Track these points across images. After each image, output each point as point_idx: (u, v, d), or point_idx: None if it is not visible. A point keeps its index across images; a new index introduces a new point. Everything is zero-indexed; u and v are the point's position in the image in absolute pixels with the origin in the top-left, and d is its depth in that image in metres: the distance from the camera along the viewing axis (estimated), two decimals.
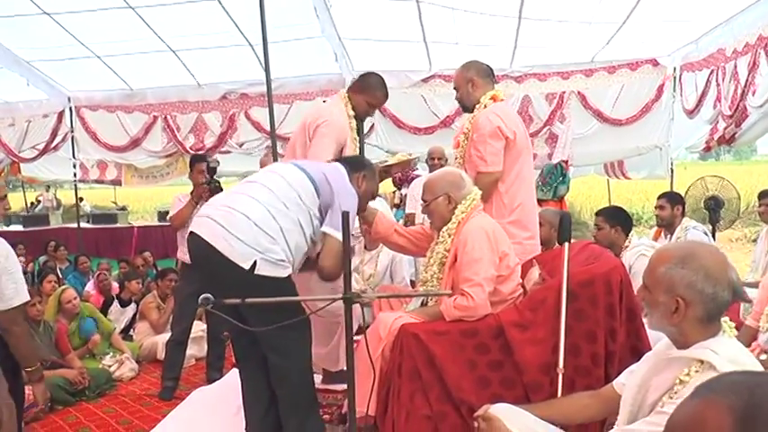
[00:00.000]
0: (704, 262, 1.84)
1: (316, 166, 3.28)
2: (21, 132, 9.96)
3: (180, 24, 7.89)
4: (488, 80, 3.92)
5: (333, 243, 3.04)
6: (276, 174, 3.18)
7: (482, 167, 3.64)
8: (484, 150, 3.66)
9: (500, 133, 3.67)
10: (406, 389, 2.90)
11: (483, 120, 3.72)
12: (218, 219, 3.00)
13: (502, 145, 3.69)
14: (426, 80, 8.67)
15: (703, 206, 6.05)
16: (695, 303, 1.83)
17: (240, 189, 3.20)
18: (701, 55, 7.32)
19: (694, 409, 0.96)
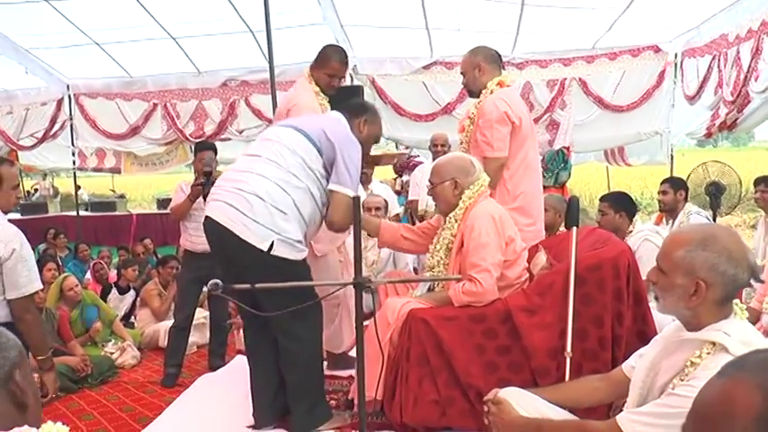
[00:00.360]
0: (726, 244, 1.84)
1: (313, 122, 3.28)
2: (19, 120, 9.92)
3: (180, 11, 7.86)
4: (495, 66, 3.91)
5: (340, 198, 3.11)
6: (276, 142, 3.19)
7: (488, 152, 3.63)
8: (491, 136, 3.65)
9: (507, 119, 3.66)
10: (415, 374, 2.90)
11: (490, 105, 3.70)
12: (232, 202, 3.04)
13: (508, 130, 3.69)
14: (428, 67, 8.64)
15: (704, 192, 6.04)
16: (716, 285, 1.83)
17: (246, 166, 3.20)
18: (703, 41, 7.30)
19: (722, 387, 0.96)
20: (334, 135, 3.19)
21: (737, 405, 0.92)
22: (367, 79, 8.75)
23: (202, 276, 4.57)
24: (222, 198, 3.10)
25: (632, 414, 1.96)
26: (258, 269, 2.92)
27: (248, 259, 3.02)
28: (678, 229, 2.18)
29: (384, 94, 8.76)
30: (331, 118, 3.39)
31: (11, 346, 1.30)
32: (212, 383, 3.94)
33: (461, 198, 3.18)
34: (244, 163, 3.23)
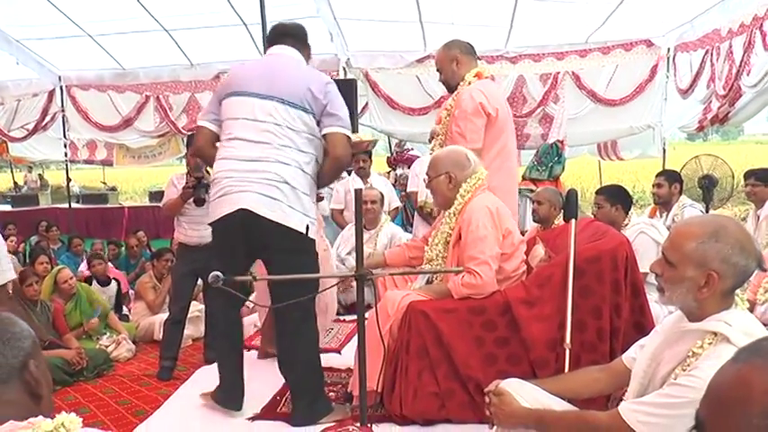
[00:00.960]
0: (737, 235, 1.85)
1: (291, 83, 3.25)
2: (10, 112, 9.87)
3: (173, 3, 7.83)
4: (471, 57, 3.91)
5: (339, 136, 3.25)
6: (273, 124, 3.19)
7: (462, 144, 3.61)
8: (464, 127, 3.65)
9: (482, 110, 3.65)
10: (414, 366, 2.92)
11: (466, 96, 3.70)
12: (266, 192, 3.12)
13: (483, 122, 3.68)
14: (421, 60, 8.64)
15: (697, 185, 6.08)
16: (727, 276, 1.84)
17: (261, 154, 3.18)
18: (696, 35, 7.34)
19: (738, 372, 0.97)
20: (318, 89, 3.25)
21: (754, 390, 0.93)
22: (360, 73, 8.75)
23: (197, 269, 4.58)
24: (253, 189, 3.14)
25: (634, 404, 1.97)
26: (297, 253, 3.16)
27: (289, 245, 3.16)
28: (685, 221, 2.18)
29: (377, 88, 8.76)
30: (302, 69, 3.41)
31: (25, 336, 1.31)
32: (210, 376, 3.93)
33: (459, 192, 3.18)
34: (255, 151, 3.20)
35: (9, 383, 1.25)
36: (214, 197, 3.27)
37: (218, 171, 3.28)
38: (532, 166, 7.76)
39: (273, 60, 3.38)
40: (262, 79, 3.23)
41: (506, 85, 8.56)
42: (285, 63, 3.37)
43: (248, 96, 3.22)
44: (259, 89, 3.22)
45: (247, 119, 3.21)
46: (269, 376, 3.79)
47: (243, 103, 3.23)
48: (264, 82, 3.22)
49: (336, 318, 5.14)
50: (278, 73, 3.27)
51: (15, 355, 1.27)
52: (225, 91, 3.30)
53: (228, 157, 3.24)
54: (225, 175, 3.22)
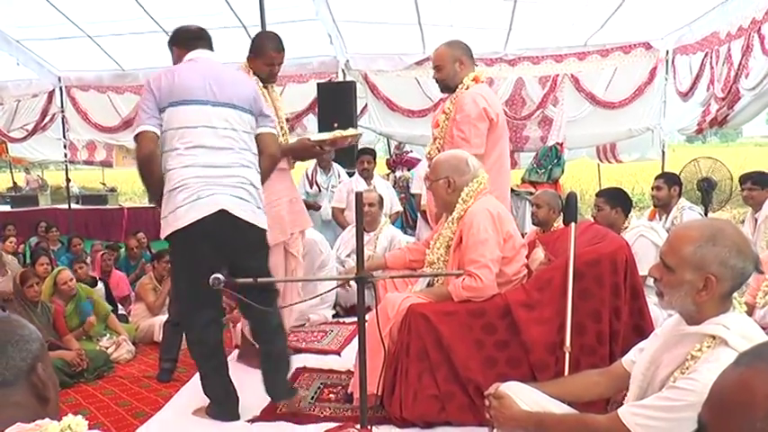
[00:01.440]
0: (734, 238, 1.87)
1: (239, 89, 3.32)
2: (10, 112, 9.89)
3: (173, 4, 7.84)
4: (472, 61, 3.93)
5: (272, 135, 3.47)
6: (231, 129, 3.27)
7: (466, 148, 3.60)
8: (468, 131, 3.66)
9: (485, 115, 3.68)
10: (414, 369, 2.93)
11: (468, 100, 3.70)
12: (243, 196, 3.24)
13: (486, 127, 3.70)
14: (420, 63, 8.65)
15: (696, 187, 6.10)
16: (725, 279, 1.85)
17: (230, 160, 3.27)
18: (694, 38, 7.36)
19: (741, 377, 0.98)
20: (256, 91, 3.48)
21: (757, 394, 0.94)
22: (359, 75, 8.77)
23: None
24: (227, 192, 3.20)
25: (633, 407, 1.98)
26: (261, 250, 3.44)
27: (256, 244, 3.37)
28: (682, 225, 2.19)
29: (377, 90, 8.78)
30: (241, 73, 3.68)
31: (33, 339, 1.31)
32: None
33: (460, 196, 3.19)
34: (220, 157, 3.25)
35: (16, 385, 1.26)
36: (185, 201, 3.20)
37: (185, 177, 3.22)
38: (532, 169, 7.77)
39: (211, 66, 3.36)
40: (210, 86, 3.24)
41: (505, 88, 8.59)
42: (224, 68, 3.42)
43: (202, 104, 3.22)
44: (210, 96, 3.23)
45: (206, 126, 3.22)
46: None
47: (198, 111, 3.21)
48: (214, 89, 3.24)
49: (336, 320, 5.15)
50: (224, 79, 3.30)
51: (23, 357, 1.28)
52: (169, 99, 3.20)
53: (193, 164, 3.21)
54: (195, 181, 3.20)
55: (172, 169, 3.22)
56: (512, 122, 8.59)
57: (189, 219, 3.19)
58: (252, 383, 3.74)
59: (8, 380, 1.24)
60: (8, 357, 1.25)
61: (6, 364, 1.25)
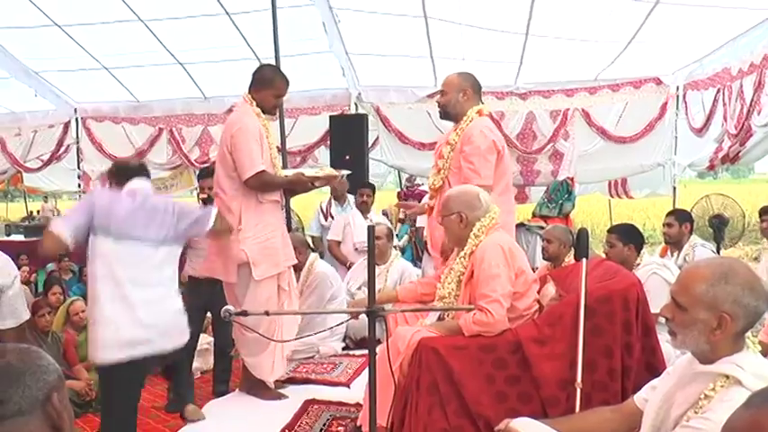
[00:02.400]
0: (746, 276, 1.86)
1: (151, 226, 3.25)
2: (26, 142, 10.01)
3: (188, 37, 7.97)
4: (478, 96, 3.96)
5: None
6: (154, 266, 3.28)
7: (476, 181, 3.64)
8: (478, 164, 3.68)
9: (494, 147, 3.70)
10: (424, 402, 2.91)
11: (477, 132, 3.73)
12: None
13: (495, 159, 3.72)
14: (432, 96, 8.68)
15: (707, 224, 6.08)
16: (739, 318, 1.85)
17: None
18: (705, 74, 7.39)
19: (751, 418, 0.98)
20: (165, 209, 3.43)
21: None
22: (371, 107, 8.83)
23: (206, 302, 4.61)
24: None
25: None
26: None
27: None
28: (693, 264, 2.18)
29: (388, 123, 8.83)
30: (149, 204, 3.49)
31: (51, 370, 1.32)
32: (218, 409, 3.94)
33: (472, 231, 3.20)
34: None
35: (32, 415, 1.27)
36: None
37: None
38: (542, 203, 7.77)
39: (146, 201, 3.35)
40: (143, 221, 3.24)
41: (516, 121, 8.62)
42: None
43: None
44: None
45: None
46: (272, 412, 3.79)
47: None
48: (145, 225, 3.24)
49: (346, 352, 5.14)
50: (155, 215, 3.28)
51: (40, 387, 1.28)
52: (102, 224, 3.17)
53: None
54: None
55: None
56: (523, 156, 8.62)
57: None
58: (257, 413, 3.73)
59: (24, 409, 1.25)
60: (24, 387, 1.26)
61: (23, 393, 1.26)
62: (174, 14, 7.46)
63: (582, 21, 6.90)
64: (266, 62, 8.16)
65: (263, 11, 6.63)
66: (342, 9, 7.32)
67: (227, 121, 4.20)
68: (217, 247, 3.98)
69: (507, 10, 6.90)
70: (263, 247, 3.97)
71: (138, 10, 7.41)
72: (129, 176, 3.34)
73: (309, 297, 5.06)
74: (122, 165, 3.56)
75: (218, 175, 4.03)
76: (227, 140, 3.93)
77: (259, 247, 3.95)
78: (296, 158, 9.17)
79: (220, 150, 4.02)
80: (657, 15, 6.42)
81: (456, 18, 7.07)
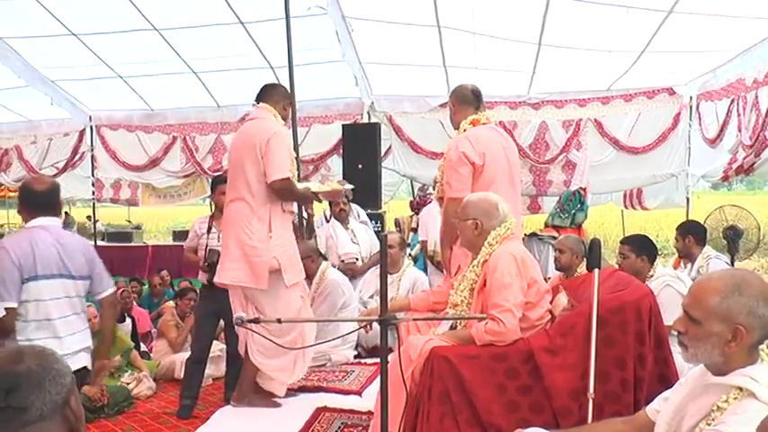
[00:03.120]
0: (760, 288, 1.85)
1: (76, 264, 3.30)
2: (42, 150, 10.11)
3: (203, 46, 8.02)
4: (467, 105, 3.94)
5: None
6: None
7: (449, 193, 3.71)
8: (449, 176, 3.74)
9: (465, 159, 3.71)
10: (436, 411, 2.91)
11: (452, 146, 3.79)
12: None
13: (468, 170, 3.72)
14: (444, 105, 8.69)
15: (722, 236, 6.02)
16: (754, 330, 1.84)
17: None
18: (719, 84, 7.36)
19: None
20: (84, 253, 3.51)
21: None
22: (384, 116, 8.86)
23: (219, 310, 4.64)
24: None
25: None
26: None
27: None
28: (705, 276, 2.17)
29: (401, 132, 8.85)
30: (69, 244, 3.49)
31: (66, 373, 1.34)
32: (230, 416, 3.95)
33: (487, 240, 3.20)
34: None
35: (53, 420, 1.28)
36: None
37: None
38: (555, 213, 7.75)
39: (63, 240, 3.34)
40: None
41: (529, 131, 8.62)
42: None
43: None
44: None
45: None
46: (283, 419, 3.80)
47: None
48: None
49: (357, 360, 5.15)
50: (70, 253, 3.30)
51: (59, 391, 1.30)
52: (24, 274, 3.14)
53: None
54: None
55: None
56: (535, 166, 8.62)
57: None
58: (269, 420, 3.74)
59: (45, 414, 1.27)
60: (46, 392, 1.27)
61: (44, 398, 1.27)
62: (188, 24, 7.52)
63: (595, 31, 6.90)
64: (280, 71, 8.24)
65: (277, 20, 6.67)
66: (355, 18, 7.35)
67: (255, 126, 4.14)
68: (239, 254, 3.99)
69: (520, 19, 6.91)
70: (291, 255, 4.01)
71: (153, 19, 7.47)
72: (37, 208, 3.27)
73: (321, 305, 5.07)
74: (29, 192, 3.32)
75: (247, 180, 3.99)
76: (262, 145, 3.92)
77: (287, 255, 4.00)
78: (308, 167, 9.21)
79: (251, 155, 3.96)
80: (670, 25, 6.41)
81: (469, 27, 7.09)
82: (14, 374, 1.26)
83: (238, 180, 4.03)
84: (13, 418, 1.23)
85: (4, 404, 1.23)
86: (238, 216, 3.98)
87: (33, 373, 1.28)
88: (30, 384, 1.26)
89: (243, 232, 3.95)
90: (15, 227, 15.31)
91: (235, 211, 4.01)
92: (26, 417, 1.24)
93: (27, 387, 1.26)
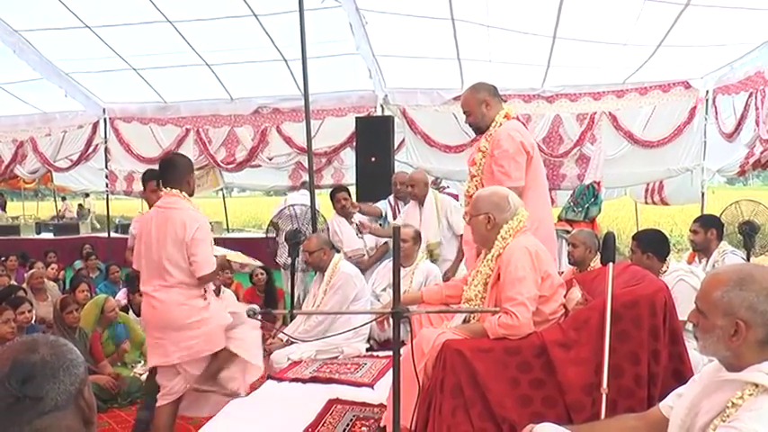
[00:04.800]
0: (764, 283, 1.83)
1: None
2: (56, 142, 10.19)
3: (216, 39, 8.04)
4: (498, 99, 3.96)
5: None
6: None
7: (507, 182, 3.64)
8: (508, 166, 3.69)
9: (522, 149, 3.72)
10: (448, 404, 2.90)
11: (504, 136, 3.75)
12: None
13: (524, 160, 3.73)
14: (458, 98, 8.65)
15: (737, 231, 5.96)
16: (756, 325, 1.82)
17: None
18: (737, 77, 7.29)
19: None
20: None
21: None
22: (398, 109, 8.85)
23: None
24: None
25: None
26: None
27: None
28: (715, 270, 2.17)
29: (414, 125, 8.84)
30: None
31: (80, 363, 1.34)
32: (243, 406, 3.96)
33: (500, 233, 3.19)
34: None
35: (67, 410, 1.28)
36: None
37: None
38: (568, 207, 7.70)
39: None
40: None
41: (543, 125, 8.59)
42: None
43: None
44: None
45: None
46: (294, 411, 3.80)
47: None
48: None
49: (370, 353, 5.14)
50: None
51: (73, 381, 1.30)
52: None
53: None
54: None
55: None
56: (549, 160, 8.58)
57: None
58: (280, 412, 3.75)
59: (60, 404, 1.27)
60: (60, 382, 1.28)
61: (59, 389, 1.27)
62: (201, 16, 7.54)
63: (610, 24, 6.86)
64: (293, 64, 8.24)
65: (291, 12, 6.67)
66: (369, 11, 7.34)
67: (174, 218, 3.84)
68: None
69: (535, 12, 6.88)
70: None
71: (167, 12, 7.50)
72: None
73: (333, 297, 5.06)
74: None
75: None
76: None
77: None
78: (321, 160, 9.22)
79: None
80: (687, 18, 6.36)
81: (483, 20, 7.06)
82: (30, 364, 1.27)
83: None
84: (28, 408, 1.24)
85: (21, 394, 1.23)
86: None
87: (48, 363, 1.28)
88: (44, 374, 1.27)
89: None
90: (30, 218, 15.45)
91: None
92: (41, 406, 1.25)
93: (42, 377, 1.26)
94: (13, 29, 7.95)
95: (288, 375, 4.44)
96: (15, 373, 1.25)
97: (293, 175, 10.25)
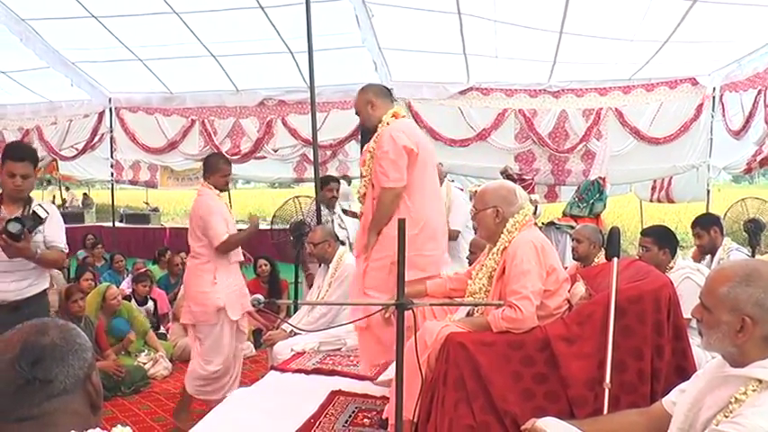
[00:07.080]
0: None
1: None
2: (62, 131, 10.20)
3: (222, 30, 8.03)
4: (387, 99, 4.00)
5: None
6: None
7: (385, 183, 3.69)
8: (387, 167, 3.71)
9: (404, 150, 3.72)
10: (451, 397, 2.90)
11: (387, 138, 3.76)
12: None
13: (405, 161, 3.73)
14: (464, 92, 8.71)
15: (742, 229, 5.94)
16: (763, 322, 1.81)
17: None
18: (744, 74, 7.26)
19: None
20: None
21: None
22: (403, 103, 8.82)
23: None
24: None
25: None
26: None
27: None
28: (720, 265, 2.16)
29: (420, 119, 8.83)
30: None
31: (87, 348, 1.35)
32: (245, 398, 3.97)
33: (505, 227, 3.19)
34: None
35: (75, 393, 1.30)
36: None
37: None
38: (573, 203, 7.70)
39: None
40: None
41: (549, 120, 8.58)
42: None
43: None
44: None
45: None
46: (297, 402, 3.81)
47: None
48: None
49: None
50: None
51: (81, 366, 1.31)
52: None
53: None
54: None
55: None
56: (554, 155, 8.58)
57: None
58: (282, 403, 3.76)
59: (68, 388, 1.28)
60: (68, 366, 1.29)
61: (68, 372, 1.28)
62: (208, 7, 7.52)
63: (617, 19, 6.83)
64: (299, 56, 8.23)
65: (297, 4, 6.65)
66: (375, 4, 7.32)
67: (196, 206, 4.78)
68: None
69: (542, 7, 6.85)
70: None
71: (173, 2, 7.49)
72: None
73: (338, 289, 5.07)
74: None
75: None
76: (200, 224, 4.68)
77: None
78: (326, 153, 9.22)
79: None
80: (695, 14, 6.33)
81: (490, 15, 7.03)
82: (40, 346, 1.28)
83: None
84: (38, 390, 1.25)
85: (31, 376, 1.24)
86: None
87: (57, 346, 1.29)
88: (54, 357, 1.28)
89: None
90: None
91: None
92: (50, 389, 1.26)
93: (51, 360, 1.27)
94: (19, 17, 7.95)
95: (291, 366, 4.45)
96: (26, 355, 1.26)
97: (298, 167, 10.28)
